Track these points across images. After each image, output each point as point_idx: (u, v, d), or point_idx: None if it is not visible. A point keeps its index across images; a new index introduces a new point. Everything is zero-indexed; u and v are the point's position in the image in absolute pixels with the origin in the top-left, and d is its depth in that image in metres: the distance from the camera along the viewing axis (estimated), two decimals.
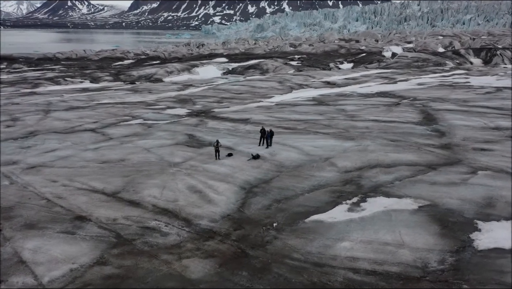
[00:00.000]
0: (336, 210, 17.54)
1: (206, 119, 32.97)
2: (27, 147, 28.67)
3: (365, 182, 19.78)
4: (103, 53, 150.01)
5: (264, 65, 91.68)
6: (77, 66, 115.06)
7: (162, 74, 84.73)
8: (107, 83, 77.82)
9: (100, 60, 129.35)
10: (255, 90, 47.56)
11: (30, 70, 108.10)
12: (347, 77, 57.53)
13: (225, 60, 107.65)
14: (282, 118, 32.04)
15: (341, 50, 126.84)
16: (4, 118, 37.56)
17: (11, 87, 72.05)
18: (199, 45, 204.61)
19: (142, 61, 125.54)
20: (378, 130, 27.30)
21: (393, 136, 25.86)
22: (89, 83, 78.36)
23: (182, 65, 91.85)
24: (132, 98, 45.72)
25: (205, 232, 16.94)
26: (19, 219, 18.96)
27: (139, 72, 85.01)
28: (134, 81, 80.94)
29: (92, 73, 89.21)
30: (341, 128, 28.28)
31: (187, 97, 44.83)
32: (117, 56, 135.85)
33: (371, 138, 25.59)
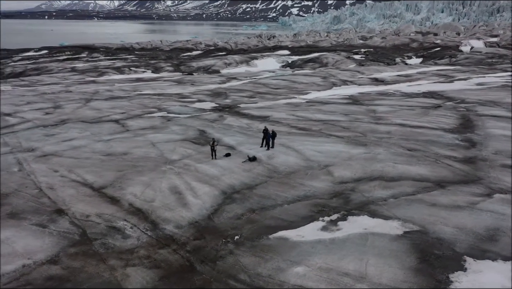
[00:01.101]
0: (309, 227, 15.58)
1: (226, 115, 31.85)
2: (51, 135, 29.58)
3: (355, 196, 17.45)
4: (176, 44, 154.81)
5: (324, 59, 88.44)
6: (148, 56, 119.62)
7: (220, 66, 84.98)
8: (166, 74, 79.74)
9: (170, 51, 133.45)
10: (294, 86, 45.45)
11: (105, 59, 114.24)
12: (399, 74, 53.06)
13: (287, 53, 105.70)
14: (303, 117, 29.93)
15: (412, 44, 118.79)
16: (48, 106, 39.44)
17: (80, 75, 76.50)
18: (270, 37, 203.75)
19: (209, 53, 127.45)
20: (398, 137, 24.30)
21: (412, 145, 22.81)
22: (150, 73, 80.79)
23: (241, 57, 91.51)
24: (172, 90, 45.93)
25: (164, 239, 15.90)
26: (7, 207, 19.26)
27: (199, 63, 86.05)
28: (192, 72, 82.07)
29: (156, 63, 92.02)
30: (359, 132, 25.63)
31: (223, 90, 44.02)
32: (187, 47, 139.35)
33: (386, 146, 22.79)
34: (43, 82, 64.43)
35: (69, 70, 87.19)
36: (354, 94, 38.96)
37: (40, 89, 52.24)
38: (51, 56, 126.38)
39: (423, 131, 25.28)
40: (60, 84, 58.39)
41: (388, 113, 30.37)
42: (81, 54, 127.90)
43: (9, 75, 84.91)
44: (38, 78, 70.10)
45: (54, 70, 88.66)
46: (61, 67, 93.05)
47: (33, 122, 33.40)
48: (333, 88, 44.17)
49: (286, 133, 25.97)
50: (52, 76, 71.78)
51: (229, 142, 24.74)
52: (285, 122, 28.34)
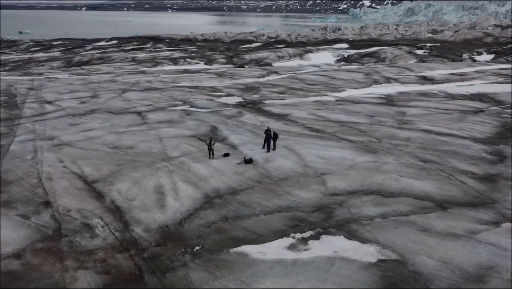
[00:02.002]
0: (276, 244, 14.06)
1: (246, 111, 30.61)
2: (75, 124, 30.28)
3: (340, 212, 15.55)
4: (238, 36, 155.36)
5: (382, 53, 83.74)
6: (208, 47, 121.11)
7: (273, 58, 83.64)
8: (218, 65, 79.93)
9: (231, 43, 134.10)
10: (331, 82, 42.96)
11: (167, 50, 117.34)
12: (453, 72, 48.22)
13: (345, 46, 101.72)
14: (322, 118, 27.88)
15: (486, 39, 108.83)
16: (87, 95, 40.73)
17: (136, 65, 79.02)
18: (335, 30, 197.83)
19: (268, 45, 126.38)
20: (417, 145, 21.62)
21: (428, 155, 20.12)
22: (202, 65, 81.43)
23: (296, 50, 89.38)
24: (209, 83, 45.50)
25: (128, 242, 15.22)
26: (4, 195, 19.70)
27: (252, 56, 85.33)
28: (243, 64, 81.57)
29: (211, 55, 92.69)
30: (375, 137, 23.21)
31: (257, 85, 42.72)
32: (248, 39, 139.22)
33: (398, 155, 20.32)
34: (99, 71, 67.22)
35: (129, 60, 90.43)
36: (392, 94, 35.84)
37: (90, 78, 54.38)
38: (119, 46, 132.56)
39: (448, 140, 22.28)
40: (112, 73, 60.46)
41: (418, 116, 27.36)
42: (147, 44, 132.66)
43: (76, 64, 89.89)
44: (97, 67, 73.32)
45: (116, 60, 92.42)
46: (124, 57, 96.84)
47: (66, 110, 34.48)
48: (373, 86, 41.08)
49: (296, 134, 24.25)
50: (110, 66, 74.77)
51: (234, 141, 23.56)
52: (301, 122, 26.52)
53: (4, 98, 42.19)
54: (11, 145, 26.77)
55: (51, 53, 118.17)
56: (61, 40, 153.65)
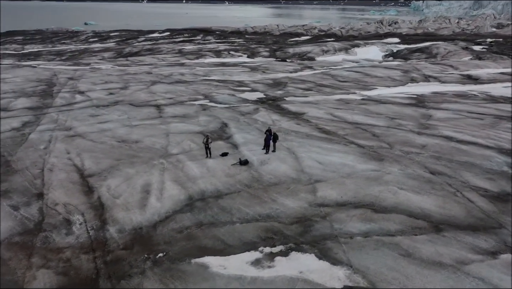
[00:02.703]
0: (241, 258, 13.00)
1: (262, 108, 29.44)
2: (95, 115, 30.67)
3: (321, 226, 14.15)
4: (289, 29, 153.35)
5: (435, 49, 78.59)
6: (255, 40, 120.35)
7: (317, 53, 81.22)
8: (260, 59, 78.94)
9: (280, 36, 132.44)
10: (364, 79, 40.47)
11: (215, 42, 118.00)
12: (504, 72, 43.75)
13: (396, 41, 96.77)
14: (338, 118, 26.09)
15: None
16: (118, 86, 41.37)
17: (179, 57, 79.88)
18: (391, 23, 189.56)
19: (317, 38, 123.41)
20: (431, 153, 19.45)
21: (440, 166, 17.98)
22: (245, 58, 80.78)
23: (342, 44, 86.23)
24: (239, 77, 44.63)
25: (97, 242, 14.82)
26: (6, 184, 20.12)
27: (295, 49, 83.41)
28: (285, 58, 79.97)
29: (256, 48, 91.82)
30: (387, 143, 21.23)
31: (286, 80, 41.23)
32: (297, 32, 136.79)
33: (406, 164, 18.36)
34: (142, 62, 68.57)
35: (175, 52, 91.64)
36: (425, 94, 33.02)
37: (130, 70, 55.45)
38: (171, 38, 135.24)
39: (468, 149, 19.85)
40: (152, 65, 61.34)
41: (444, 121, 24.80)
42: (197, 36, 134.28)
43: (126, 54, 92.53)
44: (142, 58, 74.90)
45: (163, 51, 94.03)
46: (171, 49, 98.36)
47: (92, 101, 35.10)
48: (408, 84, 38.17)
49: (304, 135, 22.80)
50: (154, 57, 76.11)
51: (237, 140, 22.60)
52: (314, 122, 24.97)
53: (43, 88, 43.92)
54: (32, 133, 27.50)
55: (107, 44, 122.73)
56: (118, 31, 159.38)
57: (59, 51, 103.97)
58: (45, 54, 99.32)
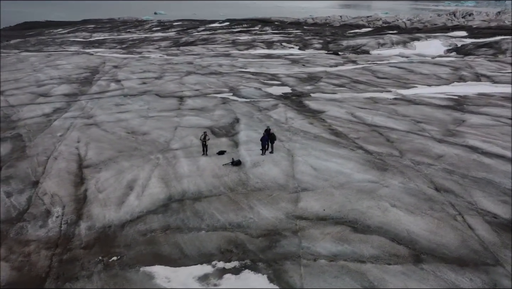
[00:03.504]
0: (190, 271, 12.03)
1: (282, 104, 27.90)
2: (120, 104, 30.97)
3: (288, 243, 12.72)
4: (350, 20, 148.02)
5: (505, 44, 71.39)
6: (313, 31, 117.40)
7: (372, 46, 77.19)
8: (311, 51, 76.64)
9: (339, 27, 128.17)
10: (405, 76, 37.12)
11: (271, 33, 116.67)
12: None
13: (463, 35, 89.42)
14: (357, 119, 23.91)
15: None
16: (153, 76, 41.74)
17: (230, 47, 79.69)
18: (465, 15, 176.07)
19: (378, 30, 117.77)
20: (444, 166, 16.97)
21: (450, 182, 15.57)
22: (296, 50, 78.84)
23: (400, 37, 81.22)
24: (275, 70, 43.14)
25: (64, 238, 14.57)
26: (11, 170, 20.68)
27: (349, 42, 79.90)
28: (338, 51, 76.92)
29: (309, 39, 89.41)
30: (399, 150, 18.93)
31: (322, 75, 39.06)
32: (358, 24, 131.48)
33: (409, 176, 16.15)
34: (191, 52, 69.16)
35: (229, 42, 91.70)
36: (468, 95, 29.45)
37: (175, 59, 55.97)
38: (229, 28, 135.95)
39: (491, 164, 17.05)
40: (198, 55, 61.53)
41: (475, 128, 21.74)
42: (255, 27, 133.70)
43: (181, 44, 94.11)
44: (192, 48, 75.66)
45: (217, 41, 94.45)
46: (225, 39, 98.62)
47: (123, 90, 35.57)
48: (453, 84, 34.35)
49: (312, 136, 21.11)
50: (205, 47, 76.53)
51: (241, 138, 21.47)
52: (329, 123, 23.09)
53: (86, 75, 45.50)
54: (57, 120, 28.26)
55: (167, 34, 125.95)
56: (181, 21, 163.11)
57: (122, 40, 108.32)
58: (109, 42, 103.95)
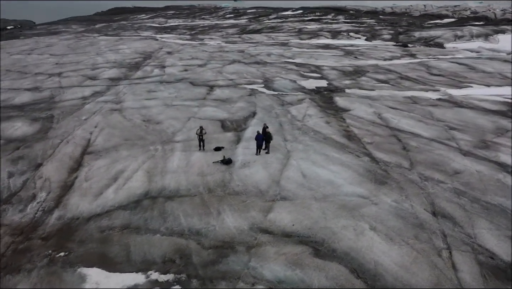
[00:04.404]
0: (124, 278, 11.32)
1: (309, 100, 25.89)
2: (152, 91, 31.07)
3: (235, 260, 11.37)
4: (434, 10, 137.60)
5: None
6: (388, 21, 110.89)
7: (447, 38, 70.62)
8: (378, 42, 72.13)
9: (418, 17, 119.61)
10: (463, 74, 32.57)
11: (342, 22, 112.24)
12: None
13: None
14: (380, 121, 21.27)
15: None
16: (199, 63, 41.55)
17: (293, 36, 77.63)
18: None
19: (462, 21, 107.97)
20: (457, 185, 14.20)
21: (454, 206, 12.93)
22: (362, 41, 74.77)
23: (482, 29, 73.32)
24: (323, 62, 40.66)
25: (31, 226, 14.59)
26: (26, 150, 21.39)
27: (422, 33, 73.83)
28: (407, 43, 71.49)
29: (380, 30, 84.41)
30: (411, 161, 16.32)
31: (370, 69, 35.88)
32: (441, 14, 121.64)
33: (408, 194, 13.75)
34: (250, 40, 68.36)
35: (295, 31, 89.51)
36: None
37: (229, 47, 55.53)
38: (301, 16, 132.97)
39: None
40: (257, 43, 60.51)
41: None
42: (328, 16, 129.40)
43: (248, 31, 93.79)
44: (253, 36, 74.91)
45: (283, 30, 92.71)
46: (293, 28, 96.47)
47: (162, 77, 35.72)
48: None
49: (321, 138, 19.15)
50: (266, 36, 75.31)
51: (247, 134, 20.21)
52: (347, 123, 20.84)
53: (139, 60, 46.64)
54: (89, 104, 29.00)
55: (238, 21, 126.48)
56: (256, 8, 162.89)
57: (193, 26, 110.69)
58: (180, 28, 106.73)
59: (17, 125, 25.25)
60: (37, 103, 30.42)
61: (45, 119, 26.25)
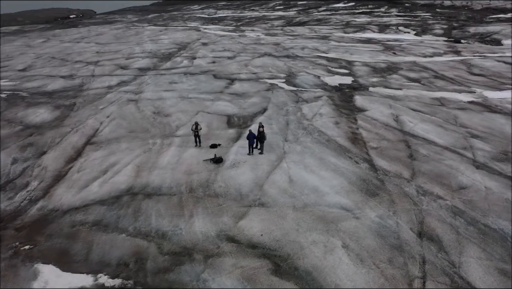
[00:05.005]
0: (71, 280, 10.94)
1: (326, 97, 24.43)
2: (173, 82, 30.92)
3: (187, 269, 10.67)
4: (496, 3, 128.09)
5: None
6: (445, 15, 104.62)
7: (506, 34, 65.27)
8: (427, 37, 68.07)
9: (479, 11, 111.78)
10: (508, 75, 29.42)
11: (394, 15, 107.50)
12: None
13: None
14: (394, 125, 19.46)
15: None
16: (228, 55, 40.99)
17: (337, 29, 75.19)
18: None
19: None
20: (456, 202, 12.48)
21: (446, 227, 11.30)
22: (411, 35, 70.94)
23: None
24: (356, 57, 38.57)
25: (12, 215, 14.74)
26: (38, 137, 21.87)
27: (478, 29, 68.74)
28: (461, 39, 66.81)
29: (433, 24, 79.76)
30: (413, 171, 14.63)
31: (404, 66, 33.42)
32: (504, 8, 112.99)
33: (396, 210, 12.26)
34: (291, 32, 66.85)
35: (342, 24, 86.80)
36: None
37: (265, 39, 54.53)
38: (353, 8, 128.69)
39: None
40: (297, 36, 59.04)
41: None
42: (380, 8, 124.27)
43: (293, 24, 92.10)
44: (295, 28, 73.27)
45: (330, 22, 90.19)
46: (340, 20, 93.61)
47: (188, 68, 35.51)
48: None
49: (324, 140, 17.83)
50: (311, 28, 73.38)
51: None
52: (357, 125, 19.29)
53: (173, 51, 46.85)
54: (110, 93, 29.32)
55: (287, 12, 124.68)
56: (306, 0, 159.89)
57: (240, 17, 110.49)
58: (228, 19, 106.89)
59: (39, 112, 25.92)
60: (66, 91, 31.19)
61: (67, 107, 26.76)
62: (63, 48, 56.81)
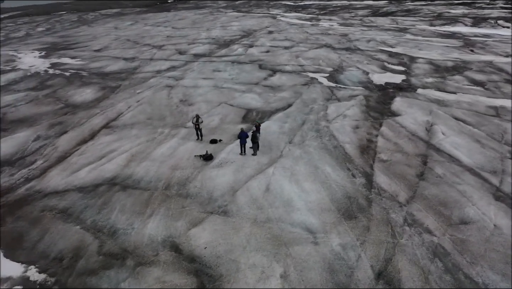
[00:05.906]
0: (10, 267, 10.78)
1: (362, 97, 22.00)
2: (216, 70, 30.49)
3: (113, 275, 10.04)
4: None
5: None
6: None
7: None
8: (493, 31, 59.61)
9: None
10: None
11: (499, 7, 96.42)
12: None
13: None
14: (422, 135, 16.61)
15: None
16: (286, 45, 39.51)
17: (422, 22, 69.30)
18: None
19: None
20: (446, 240, 10.05)
21: (413, 274, 9.13)
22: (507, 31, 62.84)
23: None
24: (426, 53, 34.54)
25: (4, 192, 15.12)
26: (69, 116, 22.86)
27: None
28: None
29: None
30: (414, 195, 12.17)
31: (474, 66, 28.98)
32: None
33: (369, 241, 10.30)
34: (369, 23, 62.88)
35: (433, 16, 79.84)
36: None
37: (333, 30, 51.85)
38: None
39: None
40: (370, 28, 55.39)
41: None
42: None
43: (380, 14, 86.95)
44: (375, 19, 68.91)
45: (420, 13, 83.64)
46: (432, 12, 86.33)
47: (240, 57, 34.86)
48: None
49: (332, 146, 15.94)
50: (393, 19, 68.50)
51: None
52: (378, 132, 16.98)
53: (236, 38, 46.45)
54: (155, 78, 29.77)
55: (376, 1, 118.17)
56: None
57: (325, 6, 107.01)
58: (312, 7, 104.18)
59: (85, 92, 27.06)
60: (120, 73, 32.29)
61: (111, 89, 27.59)
62: (142, 32, 59.35)
